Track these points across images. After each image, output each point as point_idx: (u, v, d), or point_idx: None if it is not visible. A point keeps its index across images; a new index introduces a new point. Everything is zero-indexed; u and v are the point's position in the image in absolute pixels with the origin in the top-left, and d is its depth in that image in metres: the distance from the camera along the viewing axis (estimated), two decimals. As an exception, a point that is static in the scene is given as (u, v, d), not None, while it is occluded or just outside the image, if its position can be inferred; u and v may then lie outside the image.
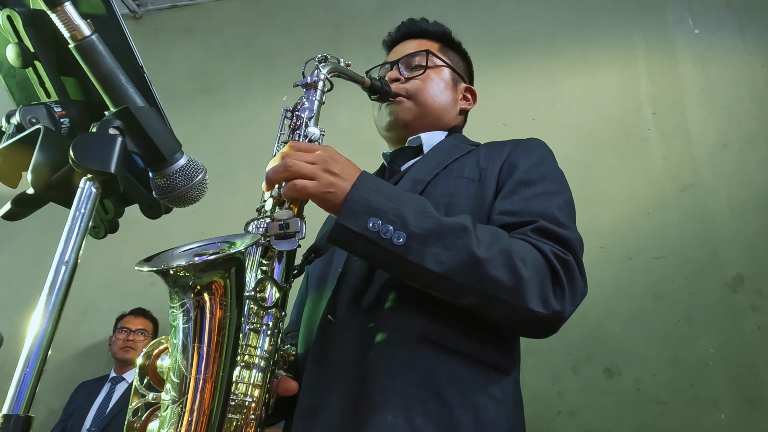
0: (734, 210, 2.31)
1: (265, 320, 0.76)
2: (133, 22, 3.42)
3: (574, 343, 2.20)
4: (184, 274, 0.63)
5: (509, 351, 0.86)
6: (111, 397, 2.45)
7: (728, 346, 2.13)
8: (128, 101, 0.53)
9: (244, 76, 3.10)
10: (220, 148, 2.87)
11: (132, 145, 0.52)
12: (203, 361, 0.62)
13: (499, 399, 0.79)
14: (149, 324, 2.59)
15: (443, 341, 0.80)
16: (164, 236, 2.12)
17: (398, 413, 0.74)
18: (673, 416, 2.09)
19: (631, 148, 2.50)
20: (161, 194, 0.58)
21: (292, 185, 0.76)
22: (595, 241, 2.29)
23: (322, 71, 1.01)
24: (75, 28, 0.51)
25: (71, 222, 0.46)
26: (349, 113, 2.55)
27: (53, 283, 0.43)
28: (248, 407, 0.72)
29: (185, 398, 0.60)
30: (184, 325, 0.63)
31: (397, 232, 0.74)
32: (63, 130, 0.57)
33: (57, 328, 0.41)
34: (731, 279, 2.22)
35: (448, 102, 1.14)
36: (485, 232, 0.79)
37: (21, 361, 0.40)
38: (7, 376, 2.10)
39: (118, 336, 2.54)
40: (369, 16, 3.02)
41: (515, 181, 0.91)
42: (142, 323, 2.57)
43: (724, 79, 2.52)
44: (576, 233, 0.85)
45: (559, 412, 2.17)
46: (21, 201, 0.52)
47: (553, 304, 0.76)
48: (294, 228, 0.78)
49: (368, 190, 0.77)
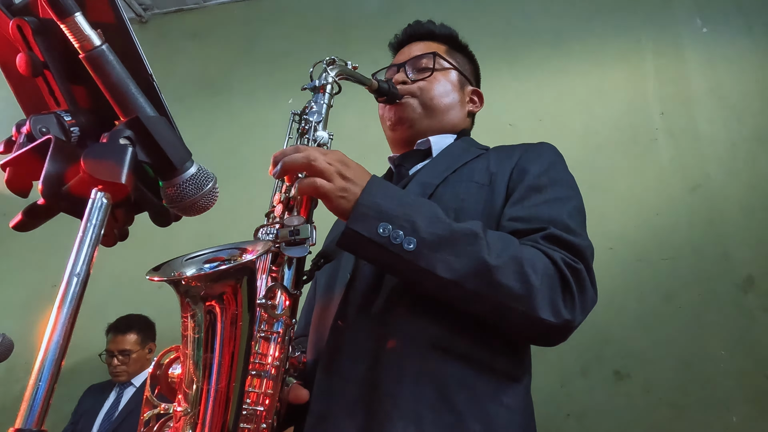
0: (745, 210, 2.29)
1: (276, 328, 0.76)
2: (139, 27, 3.44)
3: (583, 345, 2.19)
4: (196, 284, 0.62)
5: (520, 358, 0.85)
6: (119, 401, 2.45)
7: (739, 347, 2.11)
8: (138, 110, 0.53)
9: (251, 79, 3.11)
10: (227, 152, 2.88)
11: (142, 155, 0.51)
12: (215, 372, 0.61)
13: (511, 407, 0.79)
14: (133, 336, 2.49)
15: (454, 348, 0.80)
16: (172, 241, 2.13)
17: (409, 420, 0.74)
18: (683, 419, 2.07)
19: (639, 149, 2.48)
20: (171, 203, 0.58)
21: (312, 182, 0.76)
22: (604, 243, 2.27)
23: (330, 74, 1.01)
24: (85, 38, 0.50)
25: (82, 233, 0.45)
26: (355, 116, 2.55)
27: (65, 296, 0.43)
28: (260, 416, 0.72)
29: (198, 409, 0.60)
30: (195, 335, 0.62)
31: (408, 237, 0.73)
32: (73, 139, 0.57)
33: (69, 341, 0.41)
34: (742, 280, 2.20)
35: (454, 103, 1.13)
36: (496, 239, 0.78)
37: (33, 374, 0.40)
38: (16, 379, 2.12)
39: (107, 359, 2.48)
40: (375, 18, 3.02)
41: (526, 186, 0.90)
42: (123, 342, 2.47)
43: (733, 78, 2.49)
44: (587, 241, 0.85)
45: (568, 414, 2.16)
46: (32, 211, 0.52)
47: (564, 314, 0.75)
48: (305, 234, 0.77)
49: (379, 195, 0.77)
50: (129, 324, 2.53)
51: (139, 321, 2.57)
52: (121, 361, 2.46)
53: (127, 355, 2.46)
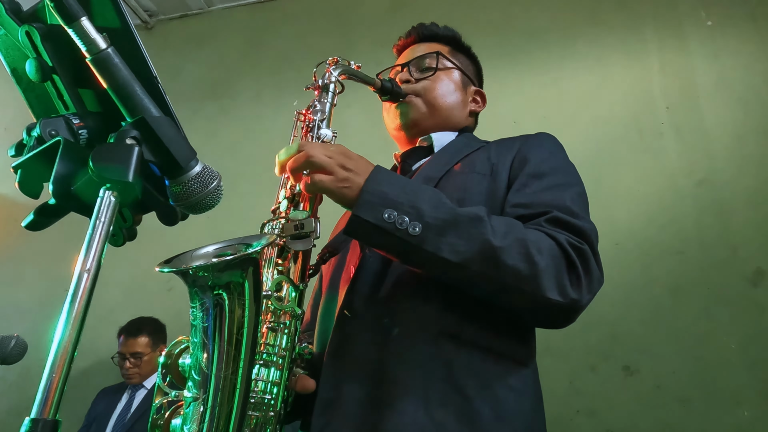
0: (753, 203, 2.28)
1: (282, 319, 0.78)
2: (145, 33, 3.48)
3: (591, 341, 2.18)
4: (203, 275, 0.64)
5: (526, 342, 0.86)
6: (131, 404, 2.47)
7: (750, 341, 2.10)
8: (144, 111, 0.55)
9: (255, 82, 3.14)
10: (233, 154, 2.90)
11: (148, 155, 0.53)
12: (223, 359, 0.63)
13: (519, 390, 0.80)
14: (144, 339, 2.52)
15: (460, 334, 0.81)
16: (180, 242, 2.14)
17: (418, 405, 0.75)
18: (694, 414, 2.06)
19: (645, 144, 2.47)
20: (177, 201, 0.59)
21: (313, 181, 0.77)
22: (611, 238, 2.27)
23: (333, 74, 1.02)
24: (91, 42, 0.52)
25: (92, 231, 0.47)
26: (360, 115, 2.56)
27: (76, 291, 0.44)
28: (268, 404, 0.73)
29: (207, 395, 0.62)
30: (203, 323, 0.64)
31: (413, 222, 0.74)
32: (81, 141, 0.58)
33: (81, 333, 0.42)
34: (751, 273, 2.19)
35: (457, 103, 1.14)
36: (500, 221, 0.79)
37: (47, 366, 0.41)
38: (32, 382, 2.14)
39: (120, 362, 2.52)
40: (378, 21, 3.03)
41: (527, 174, 0.91)
42: (134, 345, 2.50)
43: (739, 70, 2.48)
44: (590, 223, 0.85)
45: (578, 411, 2.16)
46: (43, 211, 0.54)
47: (570, 293, 0.76)
48: (309, 228, 0.79)
49: (383, 183, 0.78)
50: (140, 327, 2.56)
51: (150, 324, 2.60)
52: (133, 364, 2.49)
53: (139, 357, 2.49)
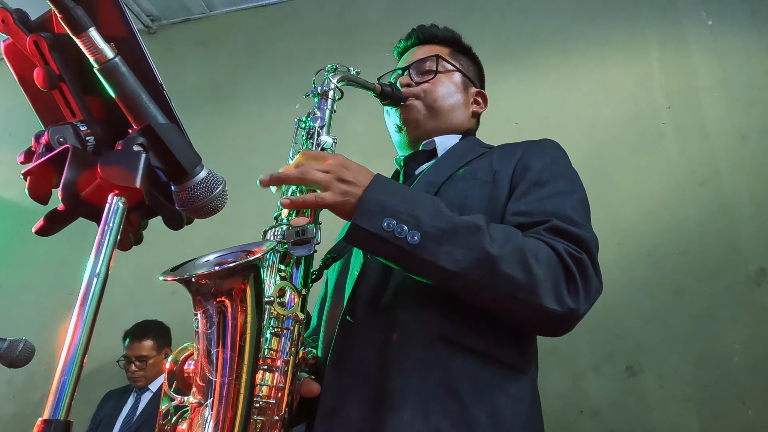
0: (755, 202, 2.27)
1: (286, 324, 0.79)
2: (147, 37, 3.50)
3: (595, 341, 2.18)
4: (206, 282, 0.65)
5: (525, 350, 0.87)
6: (137, 406, 2.49)
7: (753, 340, 2.09)
8: (150, 119, 0.56)
9: (257, 85, 3.15)
10: (236, 158, 2.91)
11: (155, 161, 0.54)
12: (227, 365, 0.64)
13: (517, 398, 0.80)
14: (149, 342, 2.54)
15: (460, 340, 0.81)
16: (184, 246, 2.16)
17: (416, 412, 0.76)
18: (698, 414, 2.06)
19: (646, 144, 2.47)
20: (183, 206, 0.60)
21: (312, 199, 0.79)
22: (613, 239, 2.27)
23: (332, 81, 1.03)
24: (99, 51, 0.53)
25: (101, 236, 0.48)
26: (361, 119, 2.57)
27: (86, 295, 0.45)
28: (272, 409, 0.74)
29: (211, 400, 0.63)
30: (207, 330, 0.65)
31: (412, 231, 0.75)
32: (89, 147, 0.60)
33: (92, 336, 0.43)
34: (754, 273, 2.18)
35: (458, 105, 1.15)
36: (498, 230, 0.80)
37: (58, 369, 0.42)
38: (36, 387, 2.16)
39: (125, 365, 2.53)
40: (379, 23, 3.05)
41: (528, 181, 0.92)
42: (140, 348, 2.52)
43: (740, 69, 2.48)
44: (590, 232, 0.86)
45: (582, 411, 2.16)
46: (53, 217, 0.55)
47: (568, 302, 0.77)
48: (309, 234, 0.80)
49: (382, 192, 0.79)
50: (145, 330, 2.58)
51: (155, 327, 2.62)
52: (138, 367, 2.51)
53: (144, 360, 2.51)
